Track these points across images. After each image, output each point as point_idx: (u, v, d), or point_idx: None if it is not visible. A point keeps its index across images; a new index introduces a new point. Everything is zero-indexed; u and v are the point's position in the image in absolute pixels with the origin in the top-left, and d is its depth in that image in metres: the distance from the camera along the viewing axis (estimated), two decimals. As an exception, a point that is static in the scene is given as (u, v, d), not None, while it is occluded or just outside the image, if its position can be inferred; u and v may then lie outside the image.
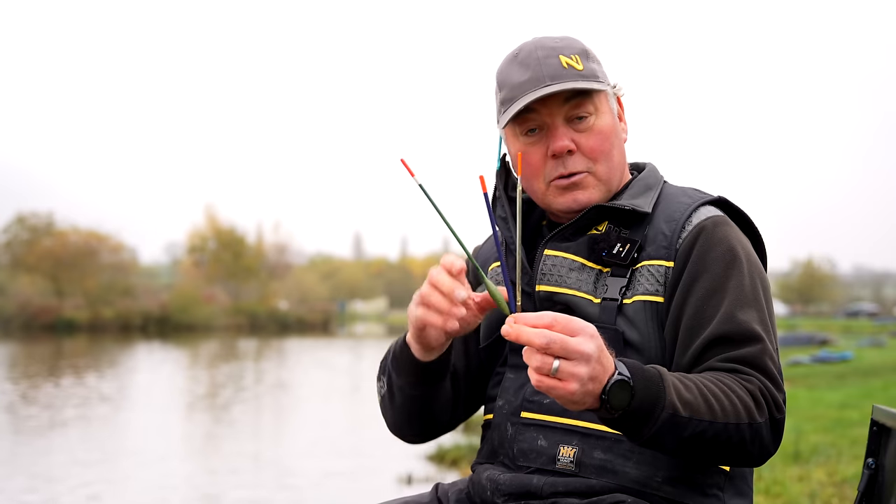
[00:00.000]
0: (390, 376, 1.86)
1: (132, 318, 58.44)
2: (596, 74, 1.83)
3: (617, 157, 1.85)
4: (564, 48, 1.82)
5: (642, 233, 1.80)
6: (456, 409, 1.95)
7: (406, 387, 1.83)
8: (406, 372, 1.81)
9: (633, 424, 1.54)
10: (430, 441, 2.02)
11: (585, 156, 1.82)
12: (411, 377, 1.82)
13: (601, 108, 1.83)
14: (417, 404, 1.86)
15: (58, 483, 9.49)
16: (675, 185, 1.91)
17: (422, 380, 1.82)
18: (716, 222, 1.79)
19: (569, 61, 1.80)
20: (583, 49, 1.84)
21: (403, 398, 1.86)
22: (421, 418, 1.90)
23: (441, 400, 1.89)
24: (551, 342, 1.43)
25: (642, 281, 1.76)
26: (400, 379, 1.83)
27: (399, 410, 1.89)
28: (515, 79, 1.81)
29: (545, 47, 1.81)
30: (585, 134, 1.81)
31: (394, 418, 1.92)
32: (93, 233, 64.12)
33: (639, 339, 1.74)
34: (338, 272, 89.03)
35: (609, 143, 1.83)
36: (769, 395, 1.65)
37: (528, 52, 1.82)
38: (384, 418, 1.95)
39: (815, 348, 30.48)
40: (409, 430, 1.94)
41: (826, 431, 9.61)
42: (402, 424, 1.93)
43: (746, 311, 1.70)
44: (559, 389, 1.45)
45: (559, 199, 1.83)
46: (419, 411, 1.88)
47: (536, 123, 1.82)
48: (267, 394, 19.93)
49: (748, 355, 1.67)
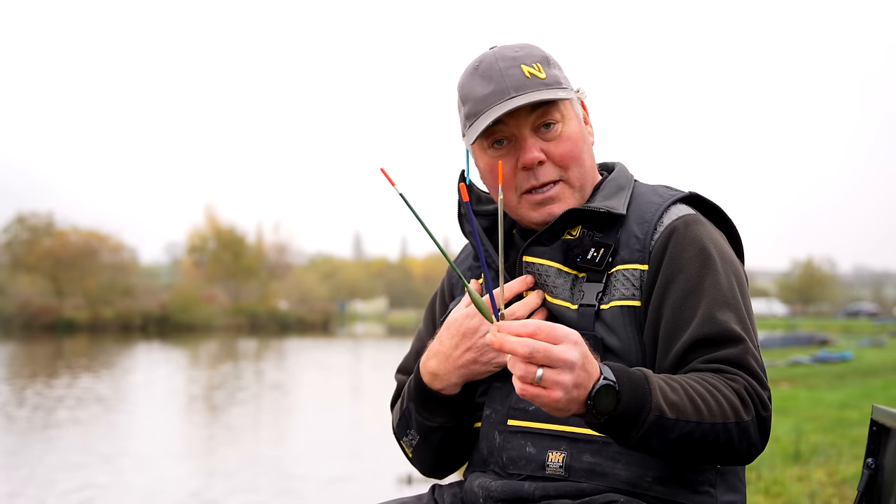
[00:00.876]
0: (421, 423, 1.88)
1: (132, 318, 58.50)
2: (559, 81, 1.81)
3: (587, 161, 1.85)
4: (525, 57, 1.80)
5: (615, 236, 1.79)
6: None
7: (444, 424, 1.86)
8: (444, 411, 1.85)
9: (620, 428, 1.54)
10: None
11: (556, 164, 1.81)
12: (449, 412, 1.85)
13: (567, 115, 1.82)
14: (456, 433, 1.88)
15: (47, 487, 9.40)
16: (645, 184, 1.90)
17: (459, 411, 1.86)
18: (687, 222, 1.77)
19: (531, 70, 1.78)
20: (543, 56, 1.83)
21: (442, 435, 1.88)
22: (462, 447, 1.91)
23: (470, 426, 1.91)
24: (535, 351, 1.42)
25: (618, 286, 1.75)
26: (436, 420, 1.86)
27: (440, 449, 1.90)
28: (479, 92, 1.79)
29: (506, 57, 1.80)
30: (554, 142, 1.80)
31: (434, 460, 1.93)
32: (93, 233, 64.21)
33: (618, 345, 1.73)
34: (338, 272, 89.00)
35: (578, 148, 1.82)
36: (755, 394, 1.65)
37: (489, 63, 1.80)
38: (420, 467, 1.96)
39: (815, 348, 30.47)
40: (452, 464, 1.95)
41: (826, 431, 9.60)
42: (445, 462, 1.94)
43: (724, 311, 1.69)
44: (543, 398, 1.44)
45: (533, 213, 1.82)
46: (459, 440, 1.90)
47: (504, 135, 1.80)
48: (267, 394, 19.94)
49: (731, 356, 1.67)
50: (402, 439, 1.93)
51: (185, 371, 27.27)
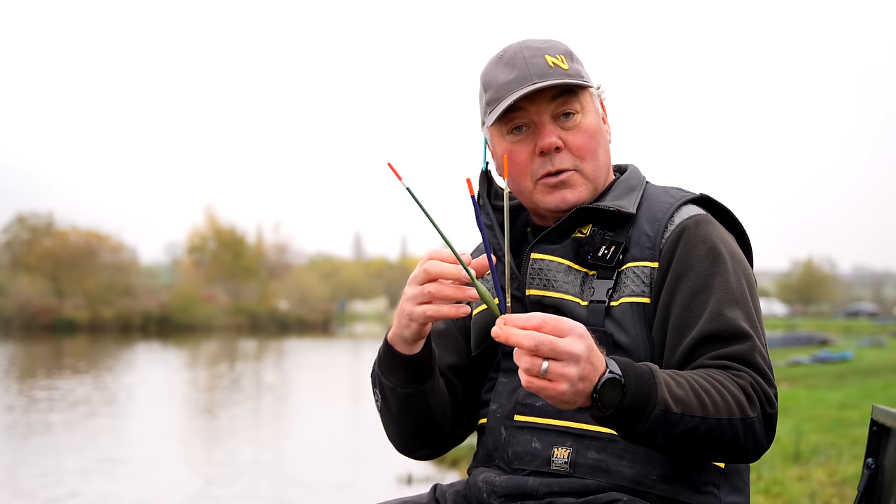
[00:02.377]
0: (381, 382, 1.85)
1: (132, 318, 58.49)
2: (581, 74, 1.84)
3: (603, 156, 1.86)
4: (550, 49, 1.83)
5: (626, 234, 1.80)
6: (459, 416, 1.95)
7: (398, 387, 1.82)
8: (395, 371, 1.81)
9: (625, 422, 1.54)
10: (439, 455, 1.99)
11: (572, 153, 1.82)
12: (401, 375, 1.81)
13: (587, 107, 1.84)
14: (412, 404, 1.84)
15: (45, 488, 9.36)
16: (657, 185, 1.92)
17: (413, 375, 1.81)
18: (697, 221, 1.79)
19: (554, 60, 1.81)
20: (567, 50, 1.85)
21: (398, 400, 1.84)
22: (423, 421, 1.87)
23: (437, 400, 1.87)
24: (540, 343, 1.43)
25: (628, 283, 1.76)
26: (390, 380, 1.83)
27: (399, 416, 1.87)
28: (501, 79, 1.81)
29: (530, 48, 1.82)
30: (572, 132, 1.82)
31: (395, 428, 1.90)
32: (93, 233, 64.18)
33: (627, 341, 1.75)
34: (338, 272, 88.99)
35: (595, 141, 1.84)
36: (760, 391, 1.65)
37: (514, 52, 1.83)
38: (388, 436, 1.94)
39: (815, 348, 30.47)
40: (415, 439, 1.92)
41: (826, 431, 9.60)
42: (404, 433, 1.91)
43: (733, 308, 1.71)
44: (549, 390, 1.45)
45: (547, 197, 1.83)
46: (417, 413, 1.85)
47: (523, 121, 1.82)
48: (266, 394, 19.94)
49: (738, 352, 1.67)
50: (374, 399, 1.91)
51: (184, 371, 27.26)
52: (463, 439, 2.00)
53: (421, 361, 1.80)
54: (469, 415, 1.97)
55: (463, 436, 1.99)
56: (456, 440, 1.98)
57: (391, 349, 1.80)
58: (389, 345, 1.80)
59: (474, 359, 1.95)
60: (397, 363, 1.80)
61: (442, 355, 1.95)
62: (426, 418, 1.87)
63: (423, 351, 1.80)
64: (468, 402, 1.96)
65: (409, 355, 1.79)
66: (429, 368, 1.83)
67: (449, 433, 1.94)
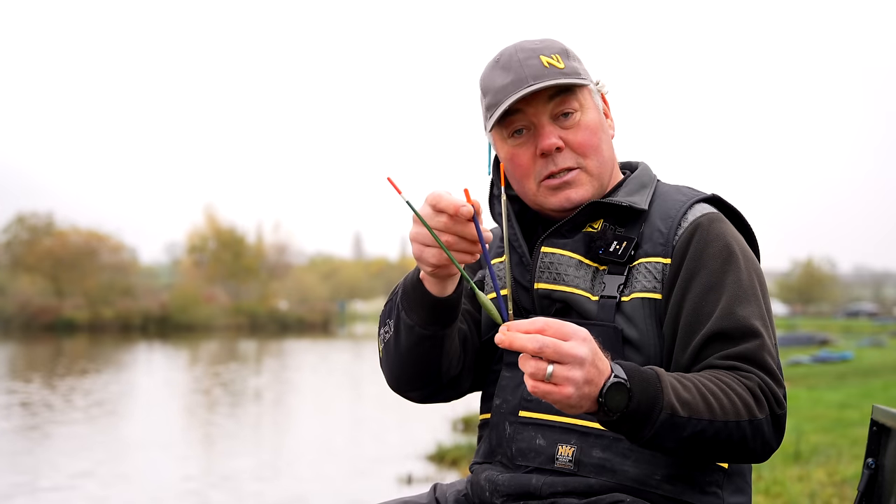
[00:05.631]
0: (399, 317, 1.76)
1: (132, 318, 58.47)
2: (578, 72, 1.83)
3: (606, 151, 1.86)
4: (545, 49, 1.82)
5: (638, 230, 1.80)
6: (462, 369, 1.88)
7: (418, 326, 1.74)
8: (420, 309, 1.73)
9: (632, 426, 1.54)
10: (429, 402, 1.92)
11: (574, 152, 1.82)
12: (426, 315, 1.73)
13: (586, 104, 1.84)
14: (427, 346, 1.77)
15: (44, 489, 9.32)
16: (668, 184, 1.92)
17: (437, 317, 1.73)
18: (711, 219, 1.80)
19: (550, 61, 1.80)
20: (563, 49, 1.85)
21: (414, 339, 1.76)
22: (430, 365, 1.80)
23: (452, 347, 1.81)
24: (544, 346, 1.42)
25: (640, 278, 1.77)
26: (412, 318, 1.74)
27: (406, 355, 1.79)
28: (498, 83, 1.81)
29: (525, 49, 1.82)
30: (572, 130, 1.82)
31: (399, 365, 1.82)
32: (93, 233, 64.17)
33: (637, 337, 1.74)
34: (338, 272, 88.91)
35: (597, 137, 1.84)
36: (769, 391, 1.66)
37: (509, 55, 1.83)
38: (385, 371, 1.86)
39: (815, 348, 30.50)
40: (413, 380, 1.84)
41: (826, 431, 9.60)
42: (407, 373, 1.82)
43: (745, 306, 1.71)
44: (555, 394, 1.44)
45: (551, 198, 1.83)
46: (428, 356, 1.78)
47: (523, 124, 1.82)
48: (266, 394, 19.92)
49: (747, 351, 1.68)
50: (381, 329, 1.84)
51: (184, 371, 27.25)
52: (461, 395, 1.93)
53: (450, 304, 1.73)
54: (469, 375, 1.91)
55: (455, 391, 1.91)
56: (448, 391, 1.90)
57: (421, 286, 1.71)
58: (420, 282, 1.71)
59: (480, 348, 1.92)
60: (425, 302, 1.72)
61: (469, 305, 1.92)
62: (433, 362, 1.80)
63: (455, 294, 1.72)
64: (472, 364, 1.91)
65: (440, 297, 1.71)
66: (455, 312, 1.75)
67: (448, 383, 1.87)
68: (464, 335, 1.89)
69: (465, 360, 1.89)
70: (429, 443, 11.21)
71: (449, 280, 1.70)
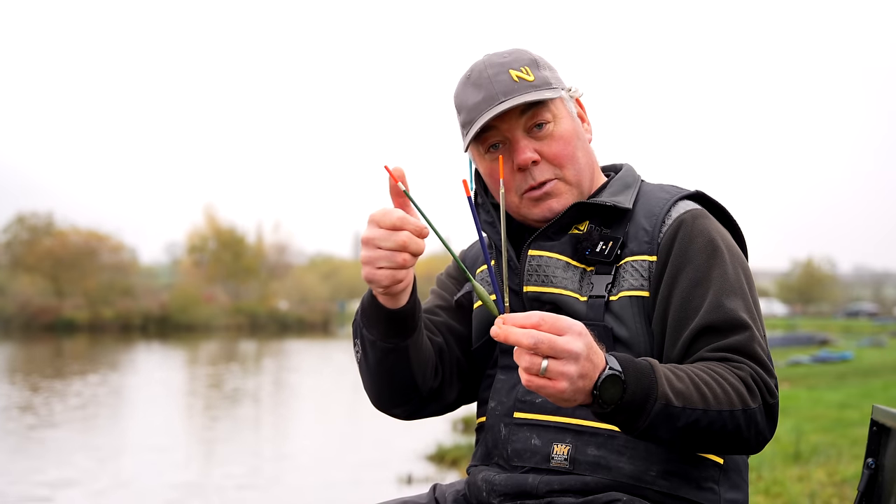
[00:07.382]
0: (362, 334, 1.81)
1: (132, 318, 58.52)
2: (548, 82, 1.85)
3: (582, 158, 1.87)
4: (513, 62, 1.84)
5: (623, 230, 1.82)
6: (443, 381, 1.91)
7: (379, 340, 1.78)
8: (378, 323, 1.76)
9: (626, 418, 1.55)
10: (417, 417, 1.94)
11: (551, 163, 1.84)
12: (384, 328, 1.76)
13: (559, 114, 1.85)
14: (393, 359, 1.80)
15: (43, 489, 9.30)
16: (652, 183, 1.94)
17: (396, 329, 1.76)
18: (695, 215, 1.81)
19: (519, 74, 1.82)
20: (532, 59, 1.87)
21: (378, 354, 1.79)
22: (402, 378, 1.83)
23: (419, 358, 1.83)
24: (539, 342, 1.43)
25: (627, 277, 1.78)
26: (372, 333, 1.78)
27: (376, 370, 1.82)
28: (470, 101, 1.83)
29: (494, 64, 1.84)
30: (546, 141, 1.84)
31: (373, 382, 1.85)
32: (93, 233, 64.21)
33: (627, 335, 1.76)
34: (338, 272, 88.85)
35: (572, 146, 1.85)
36: (761, 381, 1.67)
37: (479, 71, 1.84)
38: (365, 389, 1.89)
39: (815, 348, 30.49)
40: (392, 396, 1.87)
41: (826, 431, 9.60)
42: (383, 389, 1.86)
43: (732, 299, 1.72)
44: (549, 388, 1.45)
45: (534, 210, 1.85)
46: (397, 369, 1.81)
47: (498, 139, 1.84)
48: (266, 394, 19.94)
49: (737, 343, 1.69)
50: (354, 350, 1.87)
51: (184, 371, 27.25)
52: (448, 408, 1.96)
53: (405, 315, 1.75)
54: (462, 381, 1.94)
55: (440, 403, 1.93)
56: (435, 405, 1.93)
57: (374, 301, 1.74)
58: (373, 296, 1.74)
59: (474, 353, 1.94)
60: (380, 316, 1.75)
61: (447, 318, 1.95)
62: (405, 375, 1.83)
63: (408, 304, 1.75)
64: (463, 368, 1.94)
65: (393, 309, 1.74)
66: (412, 323, 1.78)
67: (429, 394, 1.90)
68: (439, 347, 1.92)
69: (444, 371, 1.92)
70: (429, 443, 11.22)
71: (401, 294, 1.72)
